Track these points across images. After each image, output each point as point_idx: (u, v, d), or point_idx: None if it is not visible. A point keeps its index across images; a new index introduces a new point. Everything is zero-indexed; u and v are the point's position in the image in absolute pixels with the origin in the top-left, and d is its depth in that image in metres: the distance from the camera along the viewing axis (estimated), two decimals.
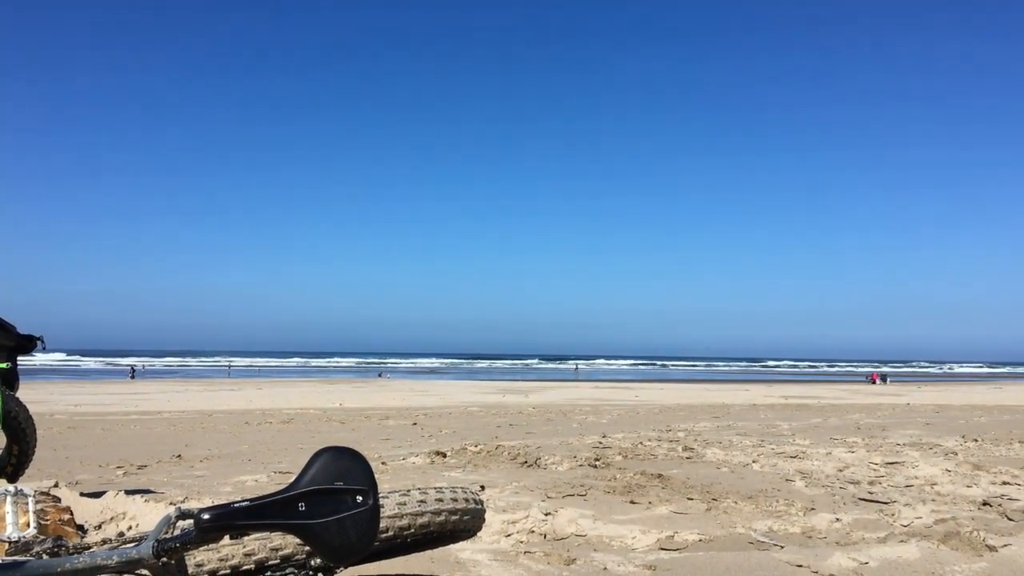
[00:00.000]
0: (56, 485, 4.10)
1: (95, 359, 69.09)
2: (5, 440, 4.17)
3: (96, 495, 4.00)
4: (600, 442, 8.07)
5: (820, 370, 79.20)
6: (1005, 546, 3.54)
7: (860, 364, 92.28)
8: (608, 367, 78.88)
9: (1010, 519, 4.21)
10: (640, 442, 7.97)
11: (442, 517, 2.18)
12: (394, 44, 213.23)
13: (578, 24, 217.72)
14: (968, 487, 5.16)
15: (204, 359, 75.86)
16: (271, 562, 1.99)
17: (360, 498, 1.44)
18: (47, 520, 2.82)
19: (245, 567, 1.97)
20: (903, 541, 3.68)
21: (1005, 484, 5.28)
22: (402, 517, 2.11)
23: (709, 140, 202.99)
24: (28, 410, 4.18)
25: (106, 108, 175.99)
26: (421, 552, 2.57)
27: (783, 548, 3.58)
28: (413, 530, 2.13)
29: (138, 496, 4.02)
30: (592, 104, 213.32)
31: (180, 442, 8.87)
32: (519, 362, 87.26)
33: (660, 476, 5.53)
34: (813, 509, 4.43)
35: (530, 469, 6.02)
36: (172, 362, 70.18)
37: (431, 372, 59.49)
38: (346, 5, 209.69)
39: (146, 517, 3.62)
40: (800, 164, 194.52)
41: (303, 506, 1.39)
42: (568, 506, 4.40)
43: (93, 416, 13.35)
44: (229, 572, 1.96)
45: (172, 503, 4.15)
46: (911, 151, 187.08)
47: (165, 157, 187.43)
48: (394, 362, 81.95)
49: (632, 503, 4.59)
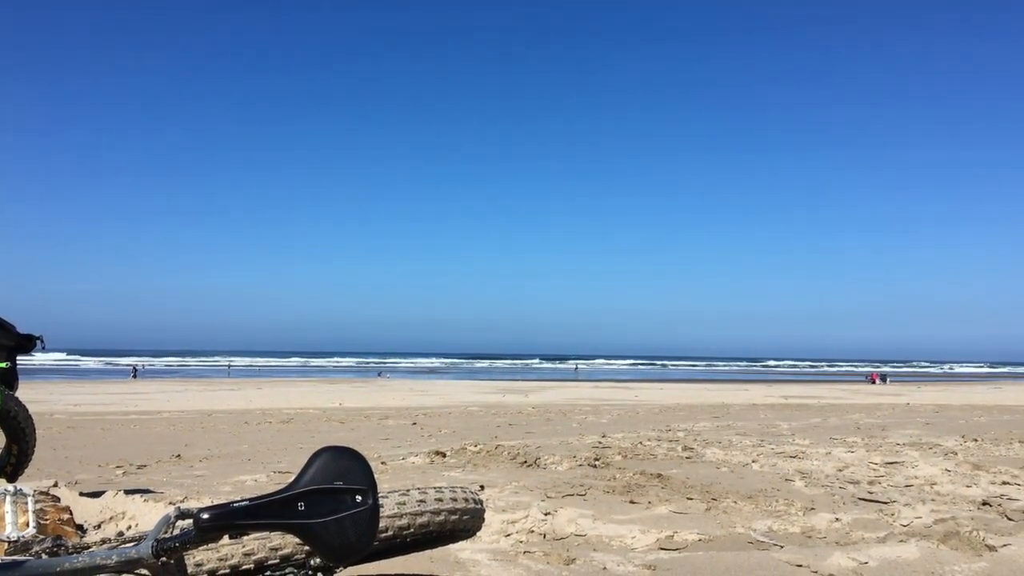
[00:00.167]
0: (55, 485, 4.10)
1: (95, 359, 69.09)
2: (4, 439, 4.17)
3: (95, 495, 4.00)
4: (600, 442, 8.07)
5: (820, 370, 79.23)
6: (1005, 546, 3.54)
7: (860, 364, 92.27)
8: (608, 367, 78.87)
9: (1010, 519, 4.21)
10: (640, 442, 7.97)
11: (441, 517, 2.18)
12: (394, 44, 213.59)
13: (578, 24, 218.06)
14: (968, 487, 5.16)
15: (204, 359, 75.84)
16: (270, 562, 1.99)
17: (359, 498, 1.44)
18: (46, 520, 2.82)
19: (244, 567, 1.97)
20: (903, 541, 3.68)
21: (1005, 484, 5.29)
22: (401, 517, 2.11)
23: (709, 140, 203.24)
24: (27, 409, 4.18)
25: (106, 108, 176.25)
26: (421, 552, 2.57)
27: (783, 548, 3.58)
28: (412, 530, 2.13)
29: (137, 496, 4.02)
30: (592, 104, 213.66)
31: (180, 442, 8.86)
32: (519, 362, 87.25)
33: (660, 476, 5.53)
34: (813, 509, 4.43)
35: (530, 469, 6.02)
36: (172, 362, 70.16)
37: (431, 372, 59.50)
38: (346, 5, 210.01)
39: (145, 517, 3.62)
40: (800, 164, 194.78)
41: (302, 506, 1.39)
42: (568, 506, 4.40)
43: (93, 416, 13.34)
44: (228, 572, 1.96)
45: (171, 503, 4.15)
46: (911, 151, 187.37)
47: (165, 157, 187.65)
48: (394, 362, 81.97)
49: (632, 503, 4.59)
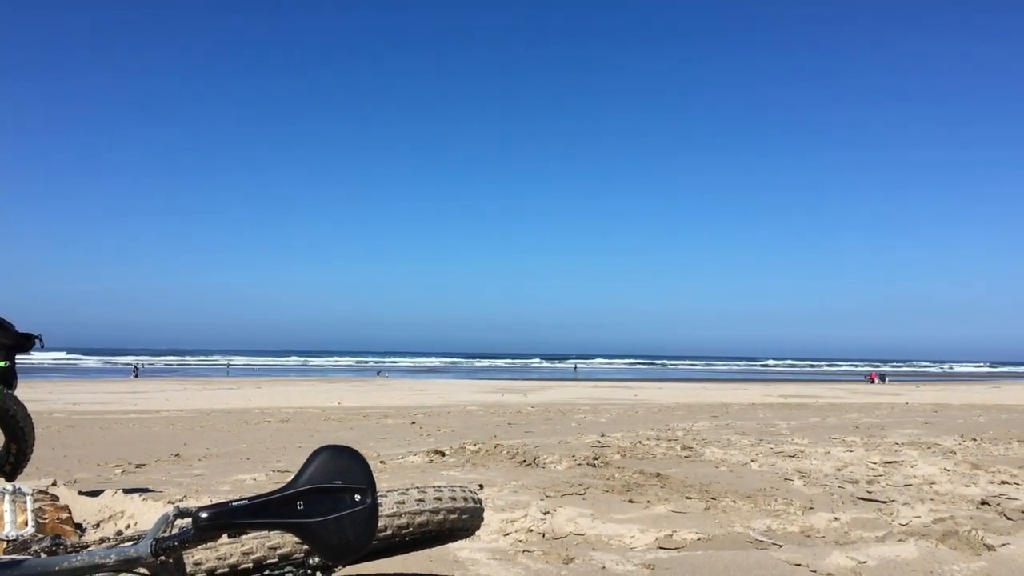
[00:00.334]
0: (54, 484, 4.10)
1: (94, 358, 69.03)
2: (3, 438, 4.16)
3: (94, 494, 4.00)
4: (599, 441, 8.07)
5: (819, 369, 79.27)
6: (1003, 545, 3.55)
7: (860, 364, 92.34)
8: (607, 366, 78.85)
9: (1008, 518, 4.22)
10: (639, 441, 7.98)
11: (440, 516, 2.18)
12: (394, 44, 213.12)
13: (578, 24, 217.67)
14: (966, 486, 5.16)
15: (203, 358, 75.76)
16: (269, 560, 1.99)
17: (358, 497, 1.44)
18: (45, 519, 2.82)
19: (243, 565, 1.97)
20: (901, 540, 3.68)
21: (1003, 483, 5.29)
22: (400, 516, 2.11)
23: (709, 140, 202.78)
24: (26, 408, 4.17)
25: (106, 108, 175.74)
26: (420, 551, 2.57)
27: (781, 547, 3.58)
28: (411, 529, 2.13)
29: (136, 495, 4.02)
30: (592, 104, 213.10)
31: (178, 441, 8.86)
32: (518, 361, 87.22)
33: (659, 475, 5.53)
34: (811, 508, 4.44)
35: (529, 468, 6.02)
36: (171, 361, 70.13)
37: (430, 371, 59.50)
38: (346, 5, 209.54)
39: (144, 516, 3.62)
40: (800, 164, 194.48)
41: (301, 505, 1.39)
42: (567, 505, 4.41)
43: (91, 415, 13.33)
44: (227, 571, 1.96)
45: (170, 502, 4.15)
46: (911, 151, 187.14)
47: (165, 157, 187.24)
48: (393, 361, 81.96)
49: (631, 502, 4.59)
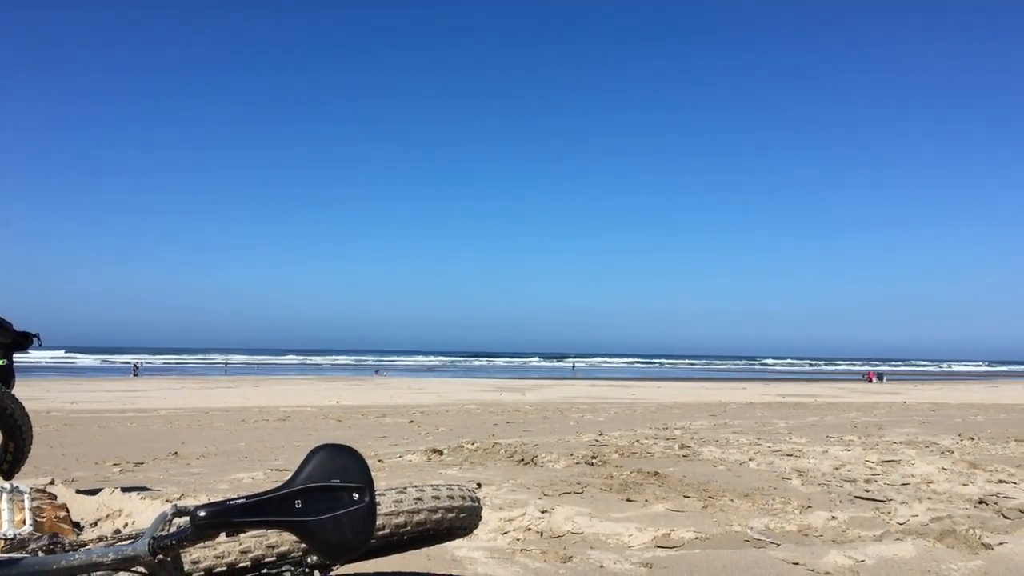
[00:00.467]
0: (52, 482, 4.09)
1: (93, 356, 68.93)
2: (1, 437, 4.16)
3: (92, 492, 4.00)
4: (597, 440, 8.07)
5: (818, 368, 79.31)
6: (1001, 544, 3.56)
7: (858, 363, 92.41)
8: (606, 365, 78.85)
9: (1006, 517, 4.23)
10: (637, 440, 7.98)
11: (438, 515, 2.18)
12: (394, 43, 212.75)
13: (578, 23, 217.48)
14: (964, 485, 5.17)
15: (201, 357, 75.67)
16: (267, 559, 1.99)
17: (356, 495, 1.44)
18: (43, 517, 2.82)
19: (241, 564, 1.97)
20: (899, 539, 3.69)
21: (1001, 482, 5.30)
22: (399, 515, 2.11)
23: (709, 140, 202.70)
24: (24, 407, 4.17)
25: (106, 108, 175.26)
26: (418, 550, 2.57)
27: (779, 546, 3.59)
28: (410, 528, 2.13)
29: (134, 493, 4.01)
30: (592, 103, 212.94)
31: (176, 439, 8.86)
32: (517, 360, 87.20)
33: (657, 474, 5.53)
34: (809, 507, 4.44)
35: (527, 467, 6.02)
36: (169, 359, 70.05)
37: (428, 370, 59.48)
38: (346, 4, 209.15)
39: (142, 514, 3.62)
40: (800, 164, 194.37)
41: (299, 503, 1.39)
42: (565, 504, 4.41)
43: (90, 413, 13.32)
44: (225, 569, 1.96)
45: (168, 500, 4.15)
46: (911, 151, 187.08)
47: (164, 156, 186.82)
48: (391, 360, 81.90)
49: (628, 501, 4.59)
